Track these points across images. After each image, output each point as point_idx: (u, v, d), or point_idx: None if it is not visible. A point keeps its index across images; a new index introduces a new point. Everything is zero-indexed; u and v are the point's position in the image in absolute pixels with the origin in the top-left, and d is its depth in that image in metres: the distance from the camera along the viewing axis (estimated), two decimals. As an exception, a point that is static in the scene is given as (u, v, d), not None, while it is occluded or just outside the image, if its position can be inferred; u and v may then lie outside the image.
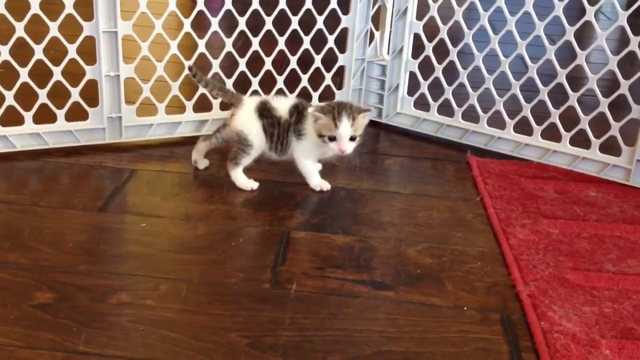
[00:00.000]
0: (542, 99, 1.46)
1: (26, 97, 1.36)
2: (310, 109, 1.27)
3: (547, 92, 1.45)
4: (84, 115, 1.41)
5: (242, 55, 1.51)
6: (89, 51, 1.38)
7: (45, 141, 1.39)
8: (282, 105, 1.32)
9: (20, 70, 1.34)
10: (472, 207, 1.32)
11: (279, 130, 1.30)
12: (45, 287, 1.01)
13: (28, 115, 1.37)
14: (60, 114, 1.39)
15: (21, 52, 1.34)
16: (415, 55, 1.58)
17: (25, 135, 1.37)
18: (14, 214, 1.19)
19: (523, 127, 1.50)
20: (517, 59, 1.48)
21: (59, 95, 1.38)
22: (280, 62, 1.56)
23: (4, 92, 1.35)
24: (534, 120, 1.48)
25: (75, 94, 1.39)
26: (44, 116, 1.39)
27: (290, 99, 1.34)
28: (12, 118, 1.37)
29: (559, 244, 1.19)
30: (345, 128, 1.24)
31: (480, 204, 1.33)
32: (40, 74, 1.37)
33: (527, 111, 1.48)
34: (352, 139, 1.26)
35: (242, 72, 1.52)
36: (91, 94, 1.40)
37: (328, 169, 1.43)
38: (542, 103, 1.46)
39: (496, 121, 1.52)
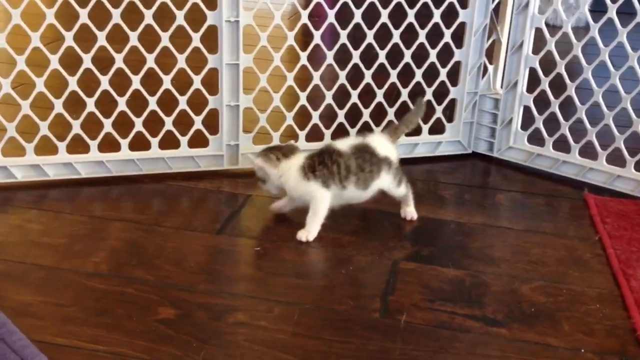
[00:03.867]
0: (666, 136, 1.40)
1: (153, 124, 1.45)
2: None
3: (672, 130, 1.39)
4: (204, 142, 1.48)
5: (354, 88, 1.55)
6: (210, 82, 1.46)
7: (168, 166, 1.47)
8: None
9: (149, 98, 1.44)
10: (590, 247, 1.27)
11: None
12: (168, 303, 1.07)
13: (154, 141, 1.46)
14: (184, 140, 1.47)
15: (148, 81, 1.43)
16: (530, 90, 1.55)
17: (150, 160, 1.46)
18: (139, 233, 1.26)
19: (645, 166, 1.44)
20: (638, 96, 1.43)
21: (182, 123, 1.46)
22: (391, 95, 1.58)
23: (134, 118, 1.44)
24: (657, 159, 1.42)
25: (198, 122, 1.47)
26: (168, 142, 1.47)
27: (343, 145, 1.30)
28: (140, 143, 1.46)
29: (686, 289, 1.13)
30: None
31: (598, 243, 1.28)
32: (165, 103, 1.45)
33: (649, 149, 1.43)
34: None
35: (354, 104, 1.56)
36: (211, 123, 1.48)
37: (436, 200, 1.43)
38: (666, 141, 1.40)
39: (616, 159, 1.47)
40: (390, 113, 1.58)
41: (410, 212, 1.35)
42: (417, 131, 1.61)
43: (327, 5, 1.47)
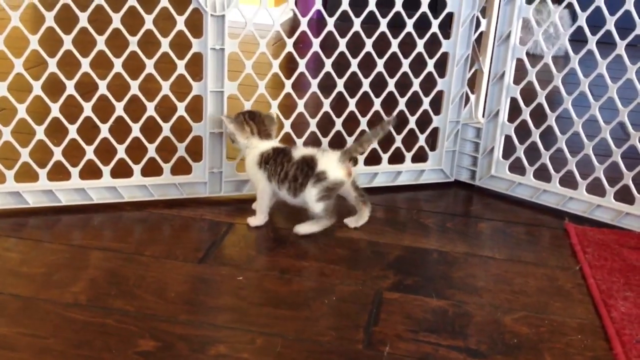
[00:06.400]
0: (645, 167, 1.42)
1: (135, 150, 1.44)
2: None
3: (650, 160, 1.41)
4: (187, 170, 1.48)
5: (338, 115, 1.55)
6: (194, 108, 1.45)
7: (151, 193, 1.46)
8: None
9: (133, 125, 1.43)
10: (571, 277, 1.28)
11: None
12: (148, 335, 1.05)
13: (137, 168, 1.45)
14: (167, 167, 1.46)
15: (132, 107, 1.42)
16: (511, 119, 1.57)
17: (132, 187, 1.45)
18: (120, 262, 1.24)
19: (624, 196, 1.46)
20: (617, 126, 1.45)
21: (165, 149, 1.46)
22: (375, 122, 1.59)
23: (116, 145, 1.43)
24: (636, 189, 1.44)
25: (181, 149, 1.46)
26: (151, 169, 1.46)
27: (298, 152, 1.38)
28: (122, 170, 1.44)
29: (666, 320, 1.14)
30: None
31: (579, 273, 1.29)
32: (148, 129, 1.45)
33: (628, 179, 1.44)
34: None
35: (338, 131, 1.56)
36: (195, 149, 1.47)
37: (418, 229, 1.43)
38: (645, 171, 1.42)
39: (596, 188, 1.48)
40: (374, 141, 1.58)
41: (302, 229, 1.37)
42: (400, 159, 1.62)
43: (311, 33, 1.48)
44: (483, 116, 1.61)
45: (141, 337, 1.05)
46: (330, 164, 1.34)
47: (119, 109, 1.41)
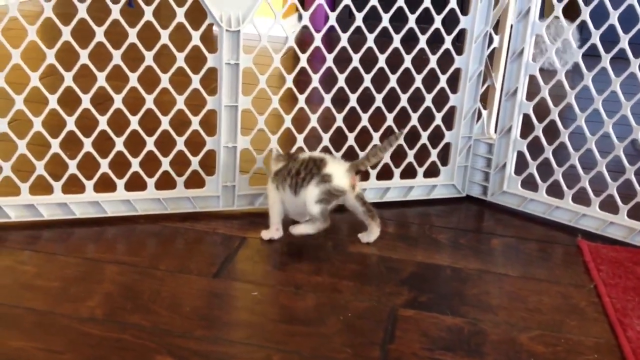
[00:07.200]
0: (658, 184, 1.42)
1: (149, 163, 1.45)
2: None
3: (664, 178, 1.41)
4: (201, 183, 1.48)
5: (350, 130, 1.55)
6: (208, 121, 1.45)
7: (164, 206, 1.46)
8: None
9: (147, 138, 1.43)
10: (585, 295, 1.28)
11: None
12: (165, 350, 1.05)
13: (151, 182, 1.45)
14: (180, 181, 1.46)
15: (146, 120, 1.42)
16: (524, 135, 1.57)
17: (146, 200, 1.45)
18: (134, 276, 1.24)
19: (637, 213, 1.46)
20: (631, 143, 1.45)
21: (179, 163, 1.46)
22: (387, 137, 1.59)
23: (130, 158, 1.44)
24: (650, 207, 1.44)
25: (195, 163, 1.46)
26: (164, 182, 1.46)
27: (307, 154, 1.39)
28: (136, 183, 1.45)
29: (682, 340, 1.14)
30: None
31: (593, 291, 1.28)
32: (162, 142, 1.45)
33: (642, 196, 1.45)
34: None
35: (350, 146, 1.56)
36: (208, 163, 1.47)
37: (431, 244, 1.43)
38: (658, 189, 1.42)
39: (609, 205, 1.48)
40: (386, 156, 1.58)
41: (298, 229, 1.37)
42: (412, 174, 1.62)
43: (325, 48, 1.48)
44: (495, 132, 1.62)
45: (158, 352, 1.04)
46: (337, 170, 1.35)
47: (134, 123, 1.41)
